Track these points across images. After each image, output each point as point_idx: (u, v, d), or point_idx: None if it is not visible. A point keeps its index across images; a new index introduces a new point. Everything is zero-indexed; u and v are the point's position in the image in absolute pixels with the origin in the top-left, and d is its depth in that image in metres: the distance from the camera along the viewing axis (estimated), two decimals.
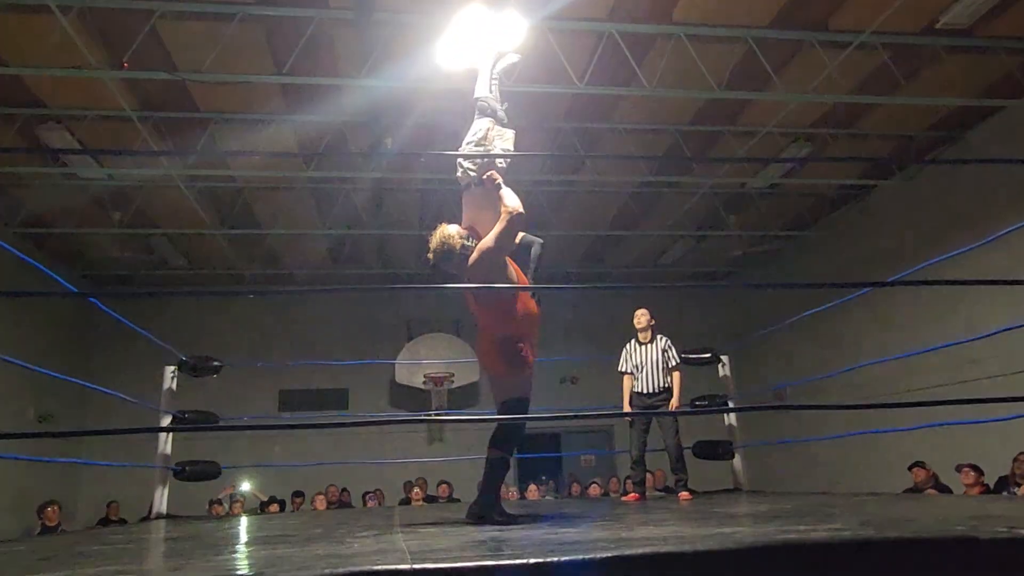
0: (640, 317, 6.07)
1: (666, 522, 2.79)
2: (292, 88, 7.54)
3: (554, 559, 1.72)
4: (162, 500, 5.34)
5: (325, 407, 12.69)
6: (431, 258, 3.50)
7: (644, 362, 5.91)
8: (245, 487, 11.11)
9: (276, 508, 9.51)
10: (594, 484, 10.07)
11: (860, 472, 10.21)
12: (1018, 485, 6.66)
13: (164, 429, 4.76)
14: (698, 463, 6.18)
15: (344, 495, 10.08)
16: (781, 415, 12.28)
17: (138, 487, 7.54)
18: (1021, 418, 3.73)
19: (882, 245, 10.15)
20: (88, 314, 11.73)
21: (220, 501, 9.57)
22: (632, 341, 6.07)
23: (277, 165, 9.23)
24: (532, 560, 1.72)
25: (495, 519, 3.25)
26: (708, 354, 6.36)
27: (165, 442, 5.37)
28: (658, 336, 6.01)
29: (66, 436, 13.34)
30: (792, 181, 10.11)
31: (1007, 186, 8.08)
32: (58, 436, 7.41)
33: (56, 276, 3.84)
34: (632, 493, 5.90)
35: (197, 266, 12.38)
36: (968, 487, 6.76)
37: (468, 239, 3.49)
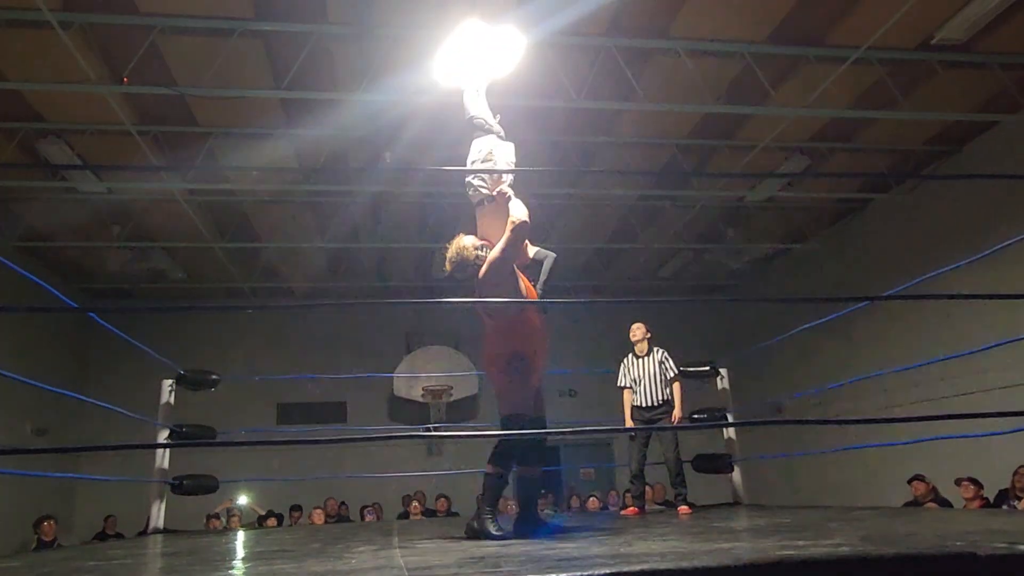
0: (636, 331, 6.07)
1: (665, 537, 2.78)
2: (291, 103, 7.58)
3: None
4: (159, 514, 5.31)
5: (324, 420, 12.70)
6: (448, 268, 3.57)
7: (642, 375, 5.91)
8: (242, 501, 11.06)
9: (274, 522, 9.46)
10: (593, 497, 10.04)
11: (860, 485, 10.18)
12: (1018, 498, 6.64)
13: (161, 445, 4.75)
14: (697, 476, 6.17)
15: (342, 509, 10.04)
16: (780, 427, 12.26)
17: (135, 501, 7.51)
18: (1021, 432, 3.73)
19: (880, 257, 10.18)
20: (86, 327, 11.72)
21: (217, 515, 9.52)
22: (629, 355, 6.07)
23: (276, 179, 9.26)
24: None
25: (491, 535, 3.25)
26: (707, 367, 6.35)
27: (163, 456, 5.36)
28: (655, 348, 6.01)
29: (63, 452, 13.31)
30: (790, 195, 10.15)
31: (1004, 200, 8.12)
32: (55, 452, 7.36)
33: (54, 291, 3.83)
34: (631, 507, 5.90)
35: (196, 279, 12.39)
36: (968, 500, 6.74)
37: (482, 249, 3.56)
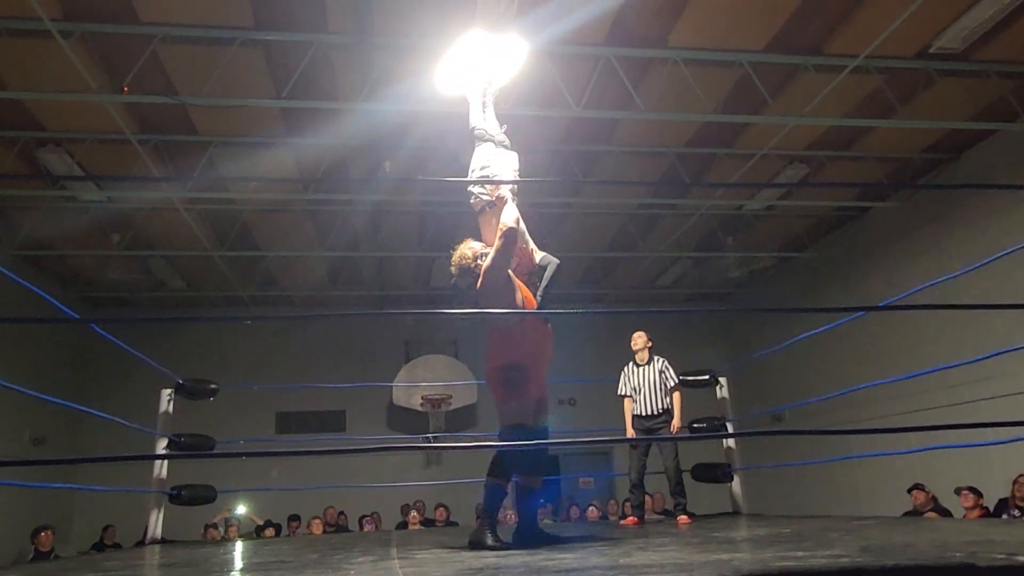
0: (637, 339, 6.07)
1: (664, 548, 2.77)
2: (292, 112, 7.59)
3: None
4: (157, 525, 5.29)
5: (322, 429, 12.69)
6: (453, 273, 3.62)
7: (642, 384, 5.90)
8: (241, 510, 11.01)
9: (272, 532, 9.42)
10: (592, 507, 10.01)
11: (859, 494, 10.16)
12: (1018, 508, 6.63)
13: (159, 456, 4.73)
14: (697, 485, 6.15)
15: (341, 518, 9.99)
16: (779, 437, 12.22)
17: (133, 511, 7.46)
18: (1021, 441, 3.72)
19: (879, 266, 10.18)
20: (84, 336, 11.69)
21: (216, 525, 9.47)
22: (630, 363, 6.06)
23: (276, 188, 9.26)
24: None
25: (489, 545, 3.24)
26: (706, 375, 6.34)
27: (161, 466, 5.34)
28: (655, 357, 6.00)
29: (61, 463, 13.27)
30: (789, 203, 10.17)
31: (1002, 208, 8.13)
32: (53, 463, 7.32)
33: (54, 300, 3.81)
34: (631, 516, 5.89)
35: (195, 288, 12.39)
36: (968, 510, 6.72)
37: (482, 256, 3.58)
